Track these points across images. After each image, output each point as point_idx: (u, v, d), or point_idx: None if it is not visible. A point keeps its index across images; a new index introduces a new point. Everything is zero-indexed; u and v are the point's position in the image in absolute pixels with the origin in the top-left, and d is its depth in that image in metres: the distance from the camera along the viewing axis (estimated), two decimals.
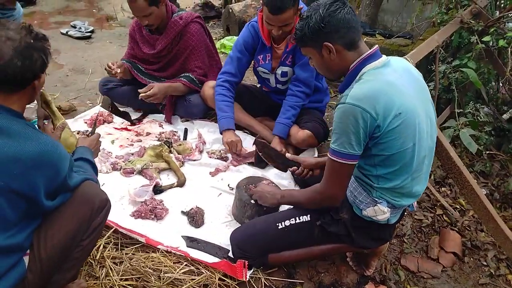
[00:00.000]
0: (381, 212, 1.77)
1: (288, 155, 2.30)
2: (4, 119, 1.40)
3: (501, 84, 3.35)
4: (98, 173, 2.56)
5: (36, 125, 1.62)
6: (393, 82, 1.61)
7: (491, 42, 3.00)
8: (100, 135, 2.11)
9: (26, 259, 1.49)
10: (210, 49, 3.26)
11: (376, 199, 1.76)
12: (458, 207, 2.72)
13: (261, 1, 2.66)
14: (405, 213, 2.47)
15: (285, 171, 2.31)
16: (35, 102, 1.92)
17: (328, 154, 1.71)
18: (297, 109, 2.85)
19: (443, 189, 2.86)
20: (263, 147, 2.38)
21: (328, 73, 1.81)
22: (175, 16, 3.07)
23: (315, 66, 1.80)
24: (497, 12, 3.25)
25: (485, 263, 2.34)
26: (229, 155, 2.90)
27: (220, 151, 2.91)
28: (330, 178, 1.75)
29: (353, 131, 1.58)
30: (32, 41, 1.43)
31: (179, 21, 3.06)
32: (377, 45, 1.72)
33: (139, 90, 3.01)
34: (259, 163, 2.82)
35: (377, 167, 1.71)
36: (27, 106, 1.60)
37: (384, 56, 1.70)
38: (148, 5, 2.84)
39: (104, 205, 1.64)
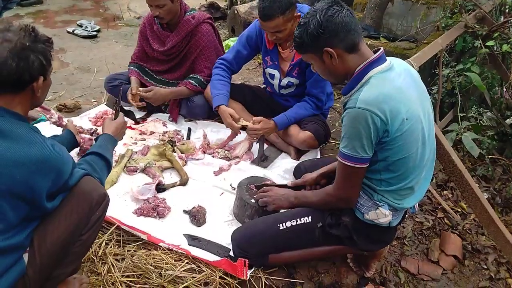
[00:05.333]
0: (382, 215, 1.77)
1: (288, 183, 2.26)
2: (7, 123, 1.40)
3: (504, 89, 3.35)
4: None
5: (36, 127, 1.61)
6: (400, 87, 1.61)
7: (495, 47, 3.01)
8: (124, 116, 2.18)
9: (25, 255, 1.49)
10: (219, 51, 3.28)
11: (377, 203, 1.76)
12: (459, 210, 2.72)
13: None
14: (406, 216, 2.47)
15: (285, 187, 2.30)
16: None
17: (338, 158, 1.71)
18: (303, 111, 2.86)
19: (444, 192, 2.87)
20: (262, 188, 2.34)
21: (331, 78, 1.79)
22: (187, 15, 3.10)
23: (318, 71, 1.79)
24: (502, 17, 3.26)
25: (485, 267, 2.34)
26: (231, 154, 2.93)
27: (224, 151, 2.93)
28: (343, 181, 1.76)
29: (365, 135, 1.58)
30: (29, 43, 1.43)
31: (192, 20, 3.08)
32: (382, 48, 1.69)
33: (140, 89, 3.11)
34: (261, 162, 2.83)
35: (381, 172, 1.71)
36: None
37: (388, 60, 1.68)
38: None
39: (103, 199, 1.64)
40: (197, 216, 2.30)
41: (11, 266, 1.42)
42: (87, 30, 5.49)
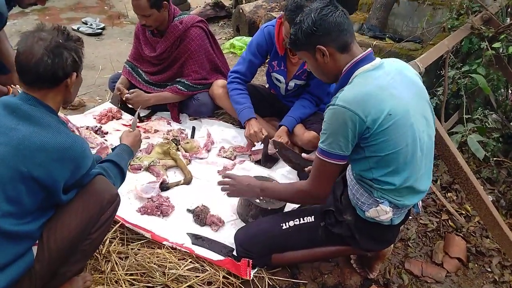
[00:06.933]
0: (383, 212, 1.77)
1: (303, 155, 2.30)
2: (38, 111, 1.48)
3: (510, 91, 3.34)
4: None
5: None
6: (383, 86, 1.63)
7: (501, 49, 2.99)
8: (140, 130, 2.24)
9: (34, 249, 1.51)
10: (211, 54, 3.23)
11: (377, 199, 1.76)
12: (464, 212, 2.71)
13: (281, 13, 2.66)
14: (410, 217, 2.47)
15: (302, 171, 2.31)
16: None
17: (316, 153, 1.74)
18: (307, 110, 2.89)
19: (449, 194, 2.86)
20: (281, 148, 2.38)
21: (324, 76, 1.82)
22: (176, 20, 3.07)
23: (311, 69, 1.83)
24: (508, 19, 3.24)
25: (489, 270, 2.33)
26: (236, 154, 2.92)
27: (230, 150, 2.93)
28: (317, 178, 1.78)
29: (341, 132, 1.61)
30: (62, 41, 1.53)
31: (179, 25, 3.05)
32: (370, 48, 1.75)
33: (127, 95, 3.11)
34: (266, 162, 2.83)
35: (372, 170, 1.72)
36: None
37: (377, 59, 1.72)
38: (150, 7, 2.85)
39: (114, 199, 1.68)
40: (200, 215, 2.30)
41: (20, 256, 1.45)
42: (92, 28, 5.49)
